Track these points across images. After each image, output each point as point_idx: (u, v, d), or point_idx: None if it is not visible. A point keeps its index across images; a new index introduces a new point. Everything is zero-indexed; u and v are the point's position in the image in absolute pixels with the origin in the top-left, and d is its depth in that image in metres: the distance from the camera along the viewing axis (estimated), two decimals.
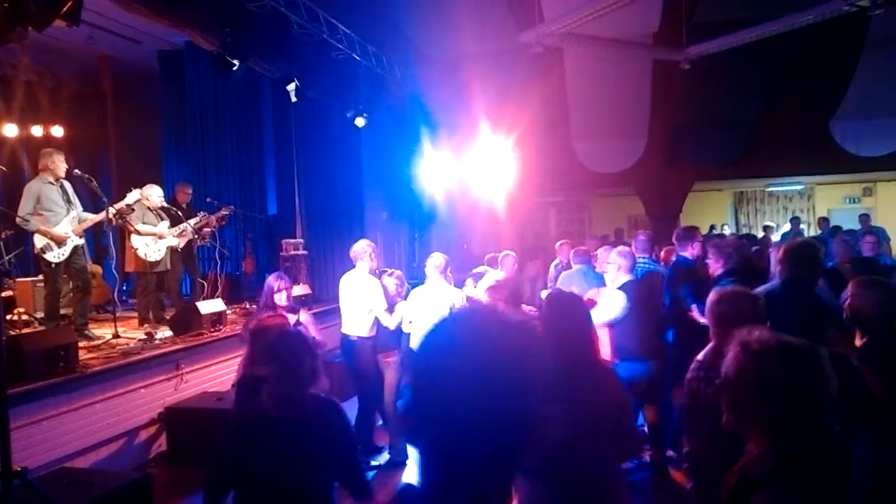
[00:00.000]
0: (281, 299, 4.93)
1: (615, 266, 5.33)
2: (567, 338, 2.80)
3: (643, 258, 6.26)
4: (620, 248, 5.61)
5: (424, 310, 5.48)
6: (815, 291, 3.71)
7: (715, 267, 5.32)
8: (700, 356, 2.97)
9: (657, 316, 5.41)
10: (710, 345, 2.98)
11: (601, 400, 2.75)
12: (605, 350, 5.29)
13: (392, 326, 5.77)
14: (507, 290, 4.00)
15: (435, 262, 5.70)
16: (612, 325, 5.09)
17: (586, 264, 6.40)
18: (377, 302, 5.85)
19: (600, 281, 5.88)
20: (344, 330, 6.05)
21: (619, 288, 5.26)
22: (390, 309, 5.85)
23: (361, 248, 6.03)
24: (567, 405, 2.65)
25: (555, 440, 2.57)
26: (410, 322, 5.67)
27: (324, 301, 8.90)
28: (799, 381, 1.64)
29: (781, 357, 1.67)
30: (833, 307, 3.60)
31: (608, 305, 5.16)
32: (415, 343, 4.18)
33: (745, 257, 6.36)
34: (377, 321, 5.90)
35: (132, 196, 6.99)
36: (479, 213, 11.95)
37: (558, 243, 8.22)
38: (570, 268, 6.71)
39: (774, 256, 5.32)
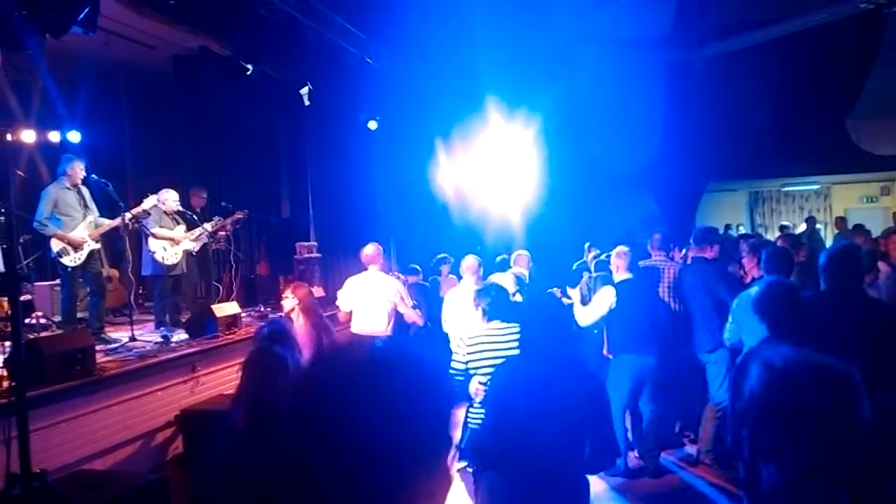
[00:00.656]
0: (286, 304, 5.28)
1: (614, 267, 5.65)
2: (548, 340, 2.89)
3: (660, 256, 6.28)
4: (618, 248, 5.72)
5: (459, 311, 5.62)
6: (866, 298, 3.63)
7: (750, 266, 5.32)
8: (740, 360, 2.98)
9: (655, 312, 5.44)
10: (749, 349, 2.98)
11: (580, 402, 2.78)
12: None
13: (420, 322, 6.03)
14: (488, 299, 4.02)
15: (467, 263, 5.86)
16: (608, 321, 5.52)
17: (607, 272, 6.42)
18: (403, 299, 6.03)
19: None
20: (359, 330, 6.12)
21: (615, 286, 5.47)
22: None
23: (375, 251, 6.14)
24: (546, 404, 2.69)
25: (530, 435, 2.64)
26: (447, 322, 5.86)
27: None
28: (830, 402, 1.49)
29: (812, 375, 1.51)
30: None
31: (597, 302, 5.54)
32: (455, 345, 4.31)
33: None
34: (395, 319, 6.08)
35: (149, 201, 7.05)
36: (492, 214, 11.95)
37: (587, 244, 8.29)
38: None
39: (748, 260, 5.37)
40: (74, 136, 9.54)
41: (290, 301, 5.31)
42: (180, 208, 7.60)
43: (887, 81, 11.49)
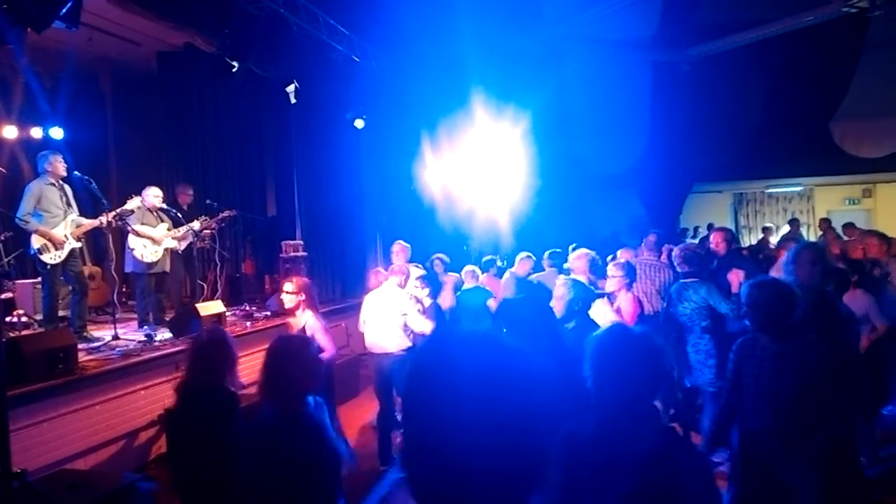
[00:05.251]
0: (287, 300, 4.92)
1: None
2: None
3: (651, 257, 6.33)
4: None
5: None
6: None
7: None
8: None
9: None
10: None
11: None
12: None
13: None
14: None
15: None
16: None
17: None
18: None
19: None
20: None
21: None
22: None
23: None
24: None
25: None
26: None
27: (325, 302, 8.89)
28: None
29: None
30: None
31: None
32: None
33: None
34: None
35: (132, 203, 6.99)
36: (479, 214, 11.95)
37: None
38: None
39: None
40: (57, 133, 9.44)
41: (292, 298, 4.88)
42: (163, 205, 7.53)
43: (870, 84, 11.62)
